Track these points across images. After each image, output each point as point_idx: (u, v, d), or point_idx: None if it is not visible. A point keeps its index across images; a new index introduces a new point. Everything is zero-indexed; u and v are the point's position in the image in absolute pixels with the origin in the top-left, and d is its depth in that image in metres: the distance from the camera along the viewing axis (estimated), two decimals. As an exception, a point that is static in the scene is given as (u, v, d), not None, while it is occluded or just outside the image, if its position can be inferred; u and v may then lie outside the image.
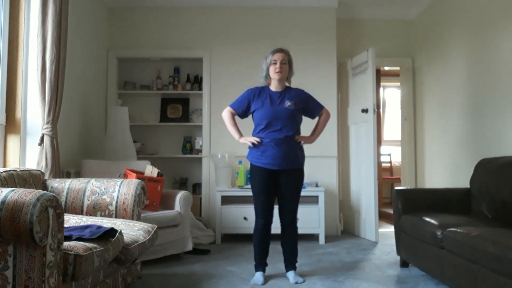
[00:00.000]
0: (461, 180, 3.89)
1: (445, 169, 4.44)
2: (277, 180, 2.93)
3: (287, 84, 3.05)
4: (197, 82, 4.96)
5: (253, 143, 2.91)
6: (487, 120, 3.69)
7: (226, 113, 3.05)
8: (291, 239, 2.99)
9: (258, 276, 2.93)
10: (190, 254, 3.68)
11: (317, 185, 4.45)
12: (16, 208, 1.55)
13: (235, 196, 4.31)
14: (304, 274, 3.05)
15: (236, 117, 3.07)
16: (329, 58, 4.79)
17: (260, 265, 2.98)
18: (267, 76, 3.00)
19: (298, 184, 2.98)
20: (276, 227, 3.01)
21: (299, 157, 2.97)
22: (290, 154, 2.90)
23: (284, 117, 2.89)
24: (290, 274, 2.96)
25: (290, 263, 3.00)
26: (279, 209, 3.00)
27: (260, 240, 2.95)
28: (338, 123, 4.82)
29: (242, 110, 3.01)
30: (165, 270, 3.23)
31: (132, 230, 2.34)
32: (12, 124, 3.10)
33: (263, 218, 2.93)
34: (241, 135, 3.01)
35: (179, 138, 5.03)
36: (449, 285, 2.58)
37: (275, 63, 2.92)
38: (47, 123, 3.04)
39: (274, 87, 3.00)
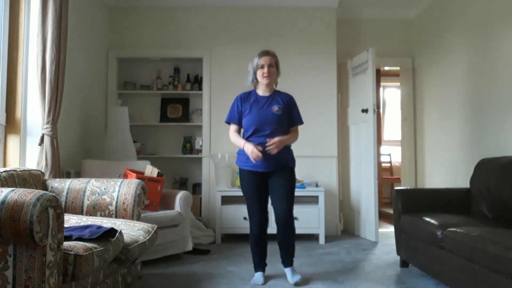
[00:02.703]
0: (461, 180, 3.89)
1: (445, 169, 4.44)
2: (267, 182, 2.90)
3: (274, 87, 3.01)
4: (197, 82, 4.96)
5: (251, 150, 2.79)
6: (487, 120, 3.69)
7: (231, 134, 2.97)
8: (286, 237, 2.93)
9: (258, 276, 2.92)
10: (190, 254, 3.68)
11: (317, 185, 4.45)
12: (16, 208, 1.55)
13: (235, 196, 4.30)
14: (304, 274, 3.05)
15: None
16: (329, 58, 4.79)
17: (259, 266, 2.97)
18: (254, 80, 2.96)
19: (289, 181, 2.90)
20: (275, 227, 2.98)
21: (287, 158, 2.92)
22: (276, 156, 2.82)
23: (272, 122, 2.85)
24: (288, 271, 2.94)
25: (286, 260, 2.96)
26: (274, 209, 2.93)
27: (256, 245, 2.93)
28: (338, 123, 4.82)
29: (238, 120, 2.95)
30: (165, 270, 3.23)
31: (132, 230, 2.34)
32: (12, 124, 3.10)
33: (257, 224, 2.89)
34: (245, 141, 2.87)
35: (179, 138, 5.03)
36: (449, 285, 2.58)
37: (262, 67, 2.87)
38: (47, 123, 3.05)
39: (262, 91, 2.96)
